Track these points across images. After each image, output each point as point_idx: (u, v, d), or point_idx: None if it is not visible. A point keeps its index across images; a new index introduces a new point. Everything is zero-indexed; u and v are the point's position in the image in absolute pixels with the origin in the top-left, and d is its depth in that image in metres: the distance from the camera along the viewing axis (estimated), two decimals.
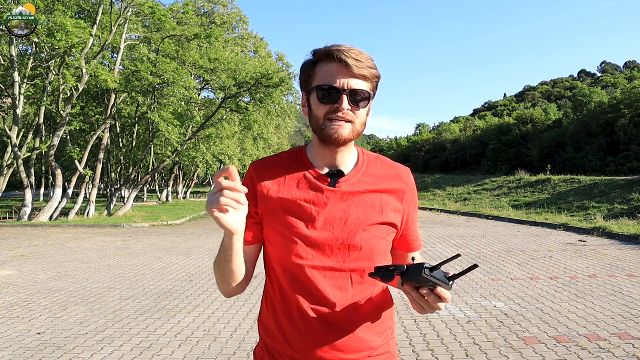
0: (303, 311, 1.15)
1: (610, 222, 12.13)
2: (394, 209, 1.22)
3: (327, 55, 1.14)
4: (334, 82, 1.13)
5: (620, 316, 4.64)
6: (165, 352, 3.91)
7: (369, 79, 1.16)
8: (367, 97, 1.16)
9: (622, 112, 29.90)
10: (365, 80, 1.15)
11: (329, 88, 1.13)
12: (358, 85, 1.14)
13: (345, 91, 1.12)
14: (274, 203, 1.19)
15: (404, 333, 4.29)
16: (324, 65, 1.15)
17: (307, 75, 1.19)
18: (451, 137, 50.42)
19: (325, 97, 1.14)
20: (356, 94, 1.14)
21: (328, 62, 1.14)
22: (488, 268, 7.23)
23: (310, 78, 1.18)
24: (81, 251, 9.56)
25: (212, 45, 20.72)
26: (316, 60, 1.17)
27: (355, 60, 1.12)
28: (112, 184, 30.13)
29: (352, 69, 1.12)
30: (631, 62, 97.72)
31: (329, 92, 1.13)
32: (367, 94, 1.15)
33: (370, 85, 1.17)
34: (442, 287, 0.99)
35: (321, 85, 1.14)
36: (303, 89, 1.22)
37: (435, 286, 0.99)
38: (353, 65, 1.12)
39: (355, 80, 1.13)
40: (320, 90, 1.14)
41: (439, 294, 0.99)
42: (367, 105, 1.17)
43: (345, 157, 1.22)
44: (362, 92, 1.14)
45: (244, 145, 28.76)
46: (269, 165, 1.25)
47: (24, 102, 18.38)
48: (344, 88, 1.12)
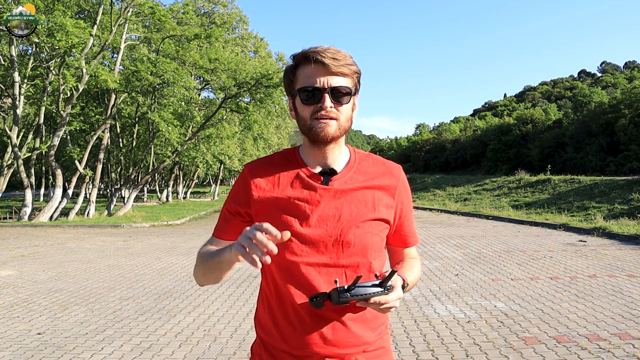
0: (297, 307, 1.17)
1: (610, 222, 12.13)
2: (386, 205, 1.25)
3: (304, 58, 1.19)
4: (314, 82, 1.17)
5: (620, 316, 4.64)
6: (165, 352, 3.91)
7: (348, 75, 1.19)
8: (349, 92, 1.19)
9: (622, 112, 29.90)
10: (345, 77, 1.19)
11: (310, 89, 1.17)
12: (338, 83, 1.17)
13: (326, 89, 1.16)
14: (267, 202, 1.22)
15: (404, 333, 4.29)
16: (303, 68, 1.19)
17: (289, 80, 1.23)
18: (451, 137, 50.41)
19: (308, 98, 1.18)
20: (337, 91, 1.17)
21: (307, 65, 1.19)
22: (488, 268, 7.23)
23: (292, 82, 1.22)
24: (81, 251, 9.56)
25: (212, 45, 20.72)
26: (296, 64, 1.22)
27: (332, 59, 1.16)
28: (112, 184, 30.14)
29: (330, 68, 1.16)
30: (631, 62, 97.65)
31: (311, 92, 1.17)
32: (347, 89, 1.19)
33: (350, 81, 1.20)
34: (373, 296, 1.06)
35: (303, 87, 1.18)
36: (288, 94, 1.26)
37: (366, 299, 1.06)
38: (330, 64, 1.15)
39: (334, 78, 1.17)
40: (302, 92, 1.19)
41: (376, 302, 1.07)
42: (349, 101, 1.20)
43: (336, 156, 1.25)
44: (342, 88, 1.18)
45: (244, 145, 28.77)
46: (262, 165, 1.28)
47: (24, 102, 18.37)
48: (324, 87, 1.16)
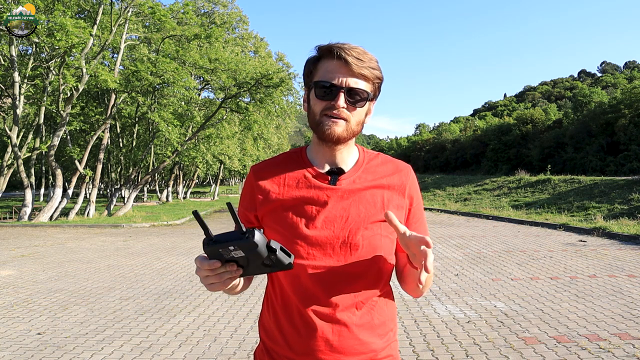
0: (303, 312, 1.13)
1: (610, 222, 12.13)
2: (397, 205, 1.20)
3: (328, 52, 1.14)
4: (332, 78, 1.12)
5: (620, 316, 4.64)
6: (165, 352, 3.91)
7: (369, 79, 1.14)
8: (365, 97, 1.14)
9: (622, 112, 29.87)
10: (365, 80, 1.14)
11: (327, 84, 1.12)
12: (357, 84, 1.13)
13: (343, 89, 1.12)
14: (273, 204, 1.18)
15: (404, 333, 4.29)
16: (325, 62, 1.15)
17: (309, 70, 1.19)
18: (451, 137, 50.41)
19: (322, 93, 1.13)
20: (354, 92, 1.13)
21: (329, 59, 1.14)
22: (488, 268, 7.23)
23: (311, 74, 1.18)
24: (81, 251, 9.56)
25: (212, 45, 20.72)
26: (319, 57, 1.17)
27: (356, 58, 1.11)
28: (112, 184, 30.13)
29: (351, 67, 1.11)
30: (631, 62, 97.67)
31: (327, 88, 1.13)
32: (365, 93, 1.14)
33: (370, 86, 1.16)
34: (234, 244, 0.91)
35: (319, 82, 1.14)
36: (305, 85, 1.21)
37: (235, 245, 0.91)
38: (353, 64, 1.11)
39: (354, 79, 1.12)
40: (318, 86, 1.14)
41: None
42: (364, 105, 1.16)
43: (345, 156, 1.21)
44: (360, 91, 1.13)
45: (244, 145, 28.76)
46: (268, 167, 1.24)
47: (24, 102, 18.37)
48: (341, 85, 1.12)
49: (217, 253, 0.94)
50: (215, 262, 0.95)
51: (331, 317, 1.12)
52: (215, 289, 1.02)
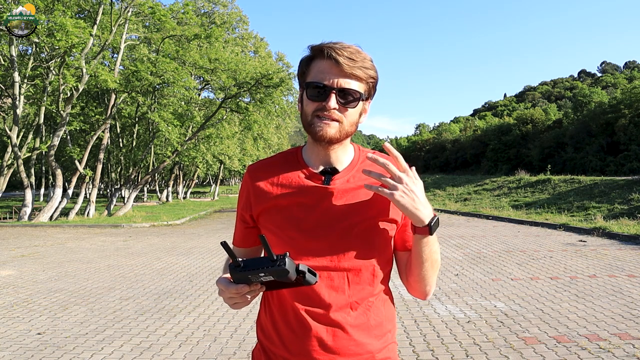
0: (298, 313, 1.13)
1: (610, 222, 12.12)
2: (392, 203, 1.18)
3: (320, 52, 1.12)
4: (323, 79, 1.10)
5: (620, 316, 4.64)
6: (165, 352, 3.91)
7: (362, 79, 1.12)
8: (358, 97, 1.12)
9: (622, 112, 29.87)
10: (358, 80, 1.12)
11: (320, 85, 1.11)
12: (349, 85, 1.11)
13: (334, 89, 1.10)
14: (268, 204, 1.18)
15: (404, 333, 4.29)
16: (317, 62, 1.13)
17: (302, 71, 1.18)
18: (451, 137, 50.43)
19: (314, 94, 1.12)
20: (346, 93, 1.11)
21: (321, 59, 1.12)
22: (488, 268, 7.23)
23: (304, 74, 1.16)
24: (81, 251, 9.56)
25: (212, 45, 20.72)
26: (312, 57, 1.15)
27: (347, 58, 1.09)
28: (112, 184, 30.15)
29: (343, 68, 1.09)
30: (631, 62, 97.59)
31: (318, 89, 1.11)
32: (357, 94, 1.12)
33: (363, 86, 1.14)
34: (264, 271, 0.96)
35: (311, 82, 1.12)
36: (300, 85, 1.20)
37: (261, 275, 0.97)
38: (344, 64, 1.09)
39: (346, 80, 1.11)
40: (310, 87, 1.13)
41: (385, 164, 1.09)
42: (356, 106, 1.14)
43: (340, 155, 1.19)
44: (352, 91, 1.11)
45: (244, 145, 28.76)
46: (263, 167, 1.24)
47: (24, 102, 18.38)
48: (332, 86, 1.10)
49: (246, 278, 1.00)
50: (243, 287, 1.02)
51: (325, 318, 1.12)
52: (240, 307, 1.10)
